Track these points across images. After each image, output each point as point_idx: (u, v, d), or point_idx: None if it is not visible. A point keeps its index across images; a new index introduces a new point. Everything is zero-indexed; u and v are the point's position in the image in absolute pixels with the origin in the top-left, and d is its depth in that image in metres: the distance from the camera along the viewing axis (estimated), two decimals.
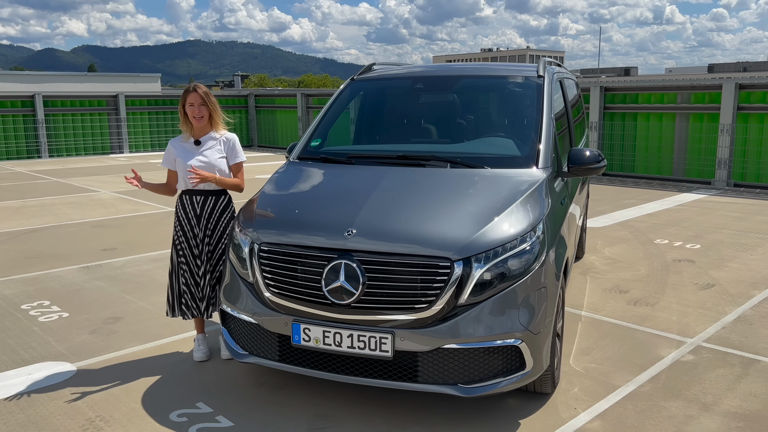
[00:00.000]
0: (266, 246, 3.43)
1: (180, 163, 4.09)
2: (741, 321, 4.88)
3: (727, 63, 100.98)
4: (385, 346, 3.13)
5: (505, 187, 3.62)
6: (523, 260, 3.20)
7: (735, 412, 3.50)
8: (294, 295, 3.31)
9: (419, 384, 3.18)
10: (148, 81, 37.67)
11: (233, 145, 4.16)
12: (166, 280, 5.95)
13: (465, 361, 3.15)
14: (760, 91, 11.45)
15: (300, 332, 3.28)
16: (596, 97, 13.18)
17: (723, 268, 6.31)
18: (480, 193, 3.60)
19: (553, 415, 3.48)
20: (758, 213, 9.26)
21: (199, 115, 4.03)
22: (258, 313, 3.43)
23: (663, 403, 3.61)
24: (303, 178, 4.08)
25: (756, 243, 7.38)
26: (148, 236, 7.97)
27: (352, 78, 4.97)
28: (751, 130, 11.56)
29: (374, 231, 3.26)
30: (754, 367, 4.06)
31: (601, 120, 13.23)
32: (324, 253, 3.25)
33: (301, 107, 19.70)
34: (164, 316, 5.02)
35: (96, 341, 4.55)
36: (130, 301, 5.42)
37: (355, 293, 3.14)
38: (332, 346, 3.22)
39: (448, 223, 3.30)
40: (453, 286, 3.08)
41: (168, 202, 10.36)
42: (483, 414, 3.47)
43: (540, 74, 4.50)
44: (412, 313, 3.11)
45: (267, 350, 3.48)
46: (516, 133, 4.24)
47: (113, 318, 5.02)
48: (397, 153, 4.09)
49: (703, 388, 3.78)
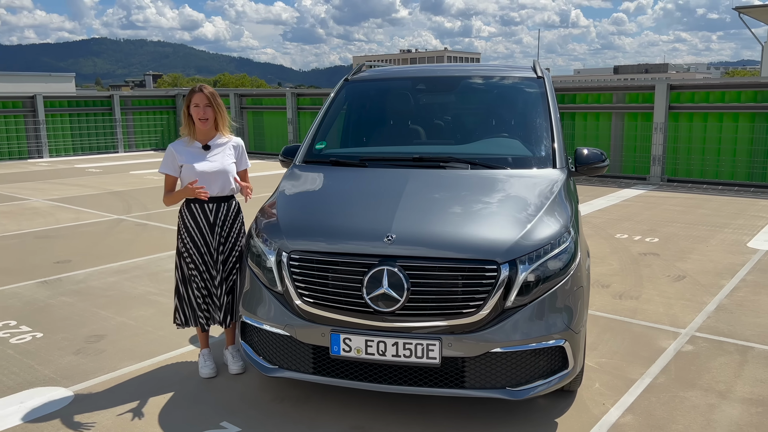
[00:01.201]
0: (297, 254, 3.27)
1: (190, 168, 3.85)
2: (721, 310, 5.14)
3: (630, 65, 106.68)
4: (433, 353, 3.06)
5: (533, 188, 3.64)
6: (562, 260, 3.22)
7: (749, 398, 3.67)
8: (331, 304, 3.18)
9: (466, 390, 3.13)
10: (61, 81, 35.50)
11: (243, 151, 3.98)
12: (139, 293, 5.64)
13: (512, 364, 3.13)
14: (688, 92, 12.15)
15: (339, 342, 3.16)
16: None
17: (687, 260, 6.63)
18: (511, 195, 3.59)
19: (585, 412, 3.52)
20: (698, 206, 9.82)
21: (204, 117, 3.81)
22: (290, 325, 3.28)
23: (682, 393, 3.73)
24: (320, 183, 3.94)
25: (706, 235, 7.81)
26: (102, 246, 7.50)
27: (346, 79, 4.86)
28: (682, 128, 12.25)
29: (415, 236, 3.18)
30: (750, 354, 4.28)
31: None
32: (363, 260, 3.14)
33: (234, 107, 19.16)
34: (152, 331, 4.75)
35: (84, 362, 4.21)
36: (107, 317, 5.07)
37: (400, 300, 3.05)
38: (375, 355, 3.12)
39: (488, 226, 3.27)
40: (500, 289, 3.05)
41: (113, 210, 9.82)
42: (517, 416, 3.47)
43: (539, 75, 4.56)
44: (459, 318, 3.06)
45: (300, 363, 3.33)
46: (527, 133, 4.27)
47: (95, 336, 4.68)
48: (413, 155, 4.02)
49: (712, 377, 3.94)
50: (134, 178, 13.52)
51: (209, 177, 3.84)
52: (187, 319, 4.01)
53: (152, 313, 5.15)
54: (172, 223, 8.77)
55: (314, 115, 17.69)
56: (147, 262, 6.72)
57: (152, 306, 5.33)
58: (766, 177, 11.50)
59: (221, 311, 3.93)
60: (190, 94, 3.84)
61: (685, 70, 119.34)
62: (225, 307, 3.93)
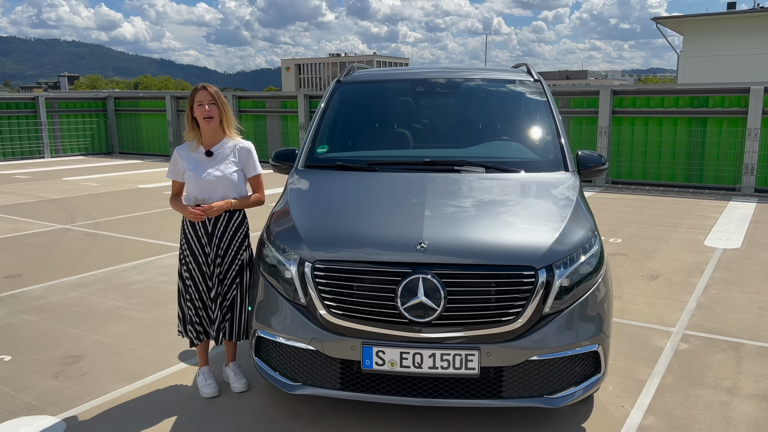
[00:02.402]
0: (322, 264, 3.10)
1: (191, 176, 3.60)
2: (701, 308, 5.30)
3: (552, 71, 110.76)
4: (472, 363, 2.96)
5: (553, 192, 3.60)
6: (593, 264, 3.20)
7: (757, 394, 3.77)
8: (362, 315, 3.03)
9: (504, 400, 3.05)
10: None
11: (249, 156, 3.73)
12: (108, 308, 5.27)
13: (549, 371, 3.07)
14: (630, 97, 12.62)
15: (372, 356, 3.01)
16: None
17: (654, 260, 6.84)
18: (533, 199, 3.55)
19: (608, 415, 3.51)
20: (647, 207, 10.18)
21: (209, 115, 3.56)
22: (317, 339, 3.09)
23: (693, 392, 3.79)
24: (333, 188, 3.76)
25: (664, 235, 8.10)
26: (53, 259, 6.98)
27: (338, 80, 4.70)
28: (624, 132, 12.72)
29: (448, 243, 3.07)
30: (743, 350, 4.41)
31: None
32: (395, 269, 3.00)
33: (171, 110, 18.47)
34: (135, 349, 4.43)
35: (68, 386, 3.86)
36: (80, 336, 4.68)
37: (437, 309, 2.94)
38: (411, 368, 2.99)
39: (520, 231, 3.21)
40: (538, 295, 2.99)
41: (55, 219, 9.19)
42: (543, 424, 3.41)
43: (536, 78, 4.56)
44: (498, 326, 2.97)
45: (326, 378, 3.15)
46: (534, 136, 4.25)
47: (72, 357, 4.30)
48: (424, 158, 3.91)
49: (716, 375, 4.03)
50: (70, 185, 12.75)
51: (209, 186, 3.60)
52: (186, 330, 3.75)
53: (129, 330, 4.80)
54: (126, 232, 8.30)
55: (256, 118, 17.29)
56: (108, 275, 6.30)
57: (127, 322, 4.97)
58: (702, 178, 12.09)
59: (214, 326, 3.68)
60: (193, 93, 3.59)
61: (603, 77, 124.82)
62: (218, 323, 3.67)
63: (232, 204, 3.62)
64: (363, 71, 4.94)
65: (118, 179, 13.76)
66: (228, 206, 3.60)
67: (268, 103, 17.34)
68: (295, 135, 16.71)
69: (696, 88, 12.07)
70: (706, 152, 11.98)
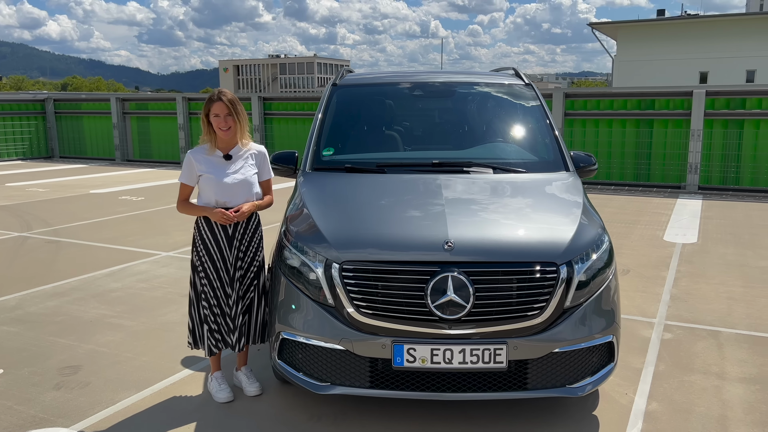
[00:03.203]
0: (350, 264, 3.14)
1: (210, 179, 3.57)
2: (675, 299, 5.61)
3: None
4: (500, 357, 3.08)
5: (561, 191, 3.77)
6: (606, 258, 3.37)
7: (743, 377, 4.04)
8: (392, 314, 3.09)
9: (530, 391, 3.18)
10: None
11: (264, 160, 3.75)
12: (93, 317, 5.13)
13: (570, 362, 3.22)
14: (581, 100, 13.11)
15: (403, 353, 3.08)
16: None
17: (622, 255, 7.15)
18: (545, 197, 3.70)
19: (614, 402, 3.70)
20: (604, 205, 10.60)
21: (225, 127, 3.55)
22: (347, 338, 3.14)
23: (686, 378, 4.03)
24: (349, 190, 3.79)
25: (625, 231, 8.48)
26: (18, 268, 6.70)
27: (334, 84, 4.73)
28: (576, 134, 13.19)
29: (473, 242, 3.18)
30: (722, 338, 4.71)
31: None
32: (424, 267, 3.09)
33: (116, 113, 17.90)
34: (133, 357, 4.34)
35: (73, 398, 3.75)
36: (71, 346, 4.54)
37: (466, 306, 3.04)
38: (441, 363, 3.07)
39: (539, 229, 3.35)
40: (560, 290, 3.13)
41: (9, 226, 8.80)
42: (558, 414, 3.56)
43: (527, 82, 4.73)
44: (524, 320, 3.10)
45: (355, 377, 3.20)
46: (533, 138, 4.41)
47: (69, 368, 4.17)
48: (432, 160, 4.01)
49: (703, 361, 4.29)
50: (15, 191, 12.20)
51: (232, 189, 3.59)
52: (196, 341, 3.71)
53: (122, 338, 4.69)
54: (90, 239, 8.04)
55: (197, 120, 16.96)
56: (84, 283, 6.11)
57: (118, 330, 4.85)
58: (650, 177, 12.68)
59: (235, 333, 3.65)
60: (209, 103, 3.56)
61: (539, 80, 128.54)
62: (240, 329, 3.66)
63: (257, 206, 3.64)
64: (356, 74, 5.00)
65: (66, 184, 13.26)
66: (254, 208, 3.62)
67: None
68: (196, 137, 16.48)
69: (643, 92, 12.66)
70: (653, 152, 12.58)
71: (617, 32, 37.13)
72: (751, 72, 35.81)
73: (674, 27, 36.09)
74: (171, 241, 7.86)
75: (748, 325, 4.95)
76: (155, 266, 6.72)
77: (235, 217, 3.54)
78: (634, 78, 35.61)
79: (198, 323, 3.69)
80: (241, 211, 3.56)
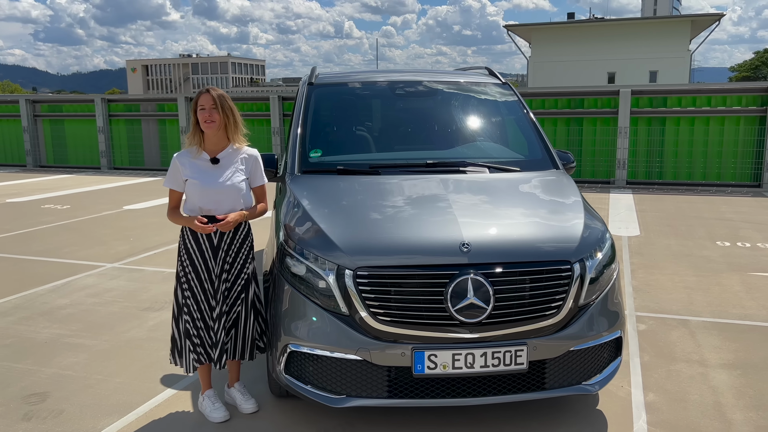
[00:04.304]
0: (365, 271, 3.01)
1: (195, 185, 3.31)
2: (638, 291, 5.81)
3: None
4: (521, 359, 3.04)
5: (560, 189, 3.78)
6: (610, 254, 3.40)
7: (723, 363, 4.22)
8: (411, 320, 2.99)
9: (548, 391, 3.16)
10: None
11: (256, 165, 3.49)
12: (46, 337, 4.73)
13: (584, 359, 3.23)
14: None
15: (424, 360, 2.98)
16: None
17: None
18: (545, 195, 3.69)
19: (613, 396, 3.75)
20: None
21: (210, 119, 3.29)
22: (364, 348, 3.00)
23: (672, 367, 4.16)
24: (349, 193, 3.63)
25: None
26: None
27: (310, 82, 4.55)
28: None
29: (489, 243, 3.12)
30: (691, 326, 4.90)
31: None
32: (442, 271, 3.00)
33: (26, 116, 16.70)
34: (105, 379, 4.02)
35: (48, 428, 3.40)
36: (30, 371, 4.14)
37: (487, 308, 2.98)
38: (463, 368, 3.00)
39: (550, 228, 3.33)
40: (574, 288, 3.13)
41: None
42: (565, 411, 3.57)
43: (504, 81, 4.74)
44: (543, 320, 3.07)
45: (373, 388, 3.07)
46: (519, 136, 4.42)
47: (35, 395, 3.79)
48: (425, 160, 3.92)
49: (682, 350, 4.44)
50: None
51: (217, 196, 3.34)
52: (175, 357, 3.46)
53: (87, 359, 4.32)
54: (20, 252, 7.43)
55: (130, 123, 16.18)
56: (26, 301, 5.61)
57: (80, 351, 4.47)
58: (581, 173, 13.13)
59: (216, 349, 3.41)
60: (197, 97, 3.32)
61: None
62: (222, 345, 3.42)
63: (245, 216, 3.40)
64: (329, 73, 4.85)
65: None
66: (242, 218, 3.37)
67: (143, 107, 16.29)
68: (174, 139, 15.83)
69: (573, 91, 13.12)
70: (583, 149, 13.06)
71: (531, 34, 38.51)
72: (654, 72, 38.14)
73: (584, 29, 37.85)
74: (112, 252, 7.38)
75: (711, 313, 5.18)
76: (103, 279, 6.28)
77: (216, 227, 3.30)
78: (547, 78, 37.06)
79: (179, 337, 3.43)
80: (225, 220, 3.33)
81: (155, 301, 5.57)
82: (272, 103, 14.53)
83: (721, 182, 12.27)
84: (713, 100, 12.25)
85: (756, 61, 64.59)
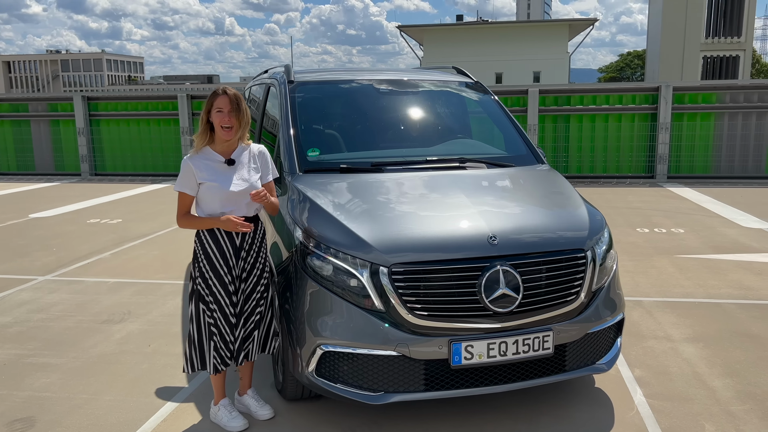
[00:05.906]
0: (400, 267, 3.04)
1: (214, 188, 3.18)
2: None
3: None
4: (547, 344, 3.19)
5: (552, 181, 3.98)
6: (609, 240, 3.64)
7: (686, 337, 4.62)
8: (447, 313, 3.05)
9: (568, 373, 3.34)
10: None
11: (267, 160, 3.41)
12: (13, 356, 4.36)
13: (598, 340, 3.44)
14: None
15: (461, 352, 3.06)
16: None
17: None
18: (545, 188, 3.88)
19: (606, 374, 4.00)
20: None
21: (228, 125, 3.18)
22: (402, 343, 3.03)
23: (646, 344, 4.50)
24: (365, 191, 3.60)
25: None
26: None
27: (290, 81, 4.46)
28: None
29: (513, 235, 3.24)
30: (645, 306, 5.30)
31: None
32: (474, 264, 3.09)
33: None
34: (92, 398, 3.77)
35: None
36: (10, 395, 3.78)
37: (517, 298, 3.11)
38: (497, 357, 3.11)
39: (563, 218, 3.52)
40: (589, 273, 3.33)
41: None
42: (568, 392, 3.78)
43: (476, 80, 4.90)
44: (565, 305, 3.25)
45: (411, 382, 3.10)
46: (501, 133, 4.57)
47: (20, 421, 3.47)
48: (425, 157, 3.99)
49: (647, 327, 4.81)
50: None
51: (238, 197, 3.24)
52: (200, 360, 3.30)
53: (61, 379, 4.00)
54: None
55: (17, 124, 14.91)
56: None
57: (49, 371, 4.12)
58: None
59: (237, 349, 3.32)
60: (212, 97, 3.17)
61: None
62: (241, 343, 3.33)
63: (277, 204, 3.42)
64: (304, 70, 4.79)
65: None
66: (277, 204, 3.42)
67: (32, 106, 15.05)
68: (70, 141, 14.76)
69: (519, 89, 13.54)
70: None
71: (423, 35, 39.54)
72: (537, 73, 40.41)
73: (473, 31, 39.40)
74: (39, 264, 6.82)
75: (657, 293, 5.65)
76: (40, 293, 5.79)
77: (250, 226, 3.21)
78: None
79: (198, 341, 3.27)
80: (270, 200, 3.33)
81: (112, 312, 5.23)
82: (180, 102, 13.95)
83: (620, 174, 13.28)
84: (611, 99, 13.23)
85: (620, 63, 70.19)
